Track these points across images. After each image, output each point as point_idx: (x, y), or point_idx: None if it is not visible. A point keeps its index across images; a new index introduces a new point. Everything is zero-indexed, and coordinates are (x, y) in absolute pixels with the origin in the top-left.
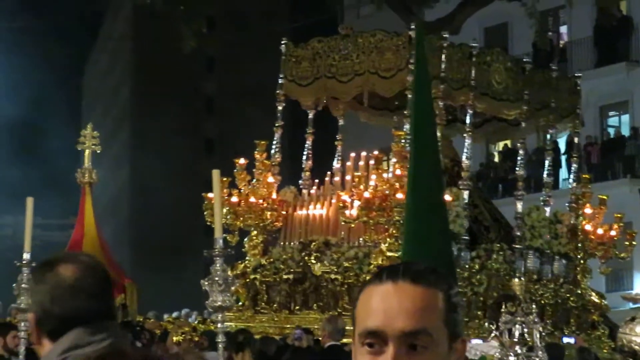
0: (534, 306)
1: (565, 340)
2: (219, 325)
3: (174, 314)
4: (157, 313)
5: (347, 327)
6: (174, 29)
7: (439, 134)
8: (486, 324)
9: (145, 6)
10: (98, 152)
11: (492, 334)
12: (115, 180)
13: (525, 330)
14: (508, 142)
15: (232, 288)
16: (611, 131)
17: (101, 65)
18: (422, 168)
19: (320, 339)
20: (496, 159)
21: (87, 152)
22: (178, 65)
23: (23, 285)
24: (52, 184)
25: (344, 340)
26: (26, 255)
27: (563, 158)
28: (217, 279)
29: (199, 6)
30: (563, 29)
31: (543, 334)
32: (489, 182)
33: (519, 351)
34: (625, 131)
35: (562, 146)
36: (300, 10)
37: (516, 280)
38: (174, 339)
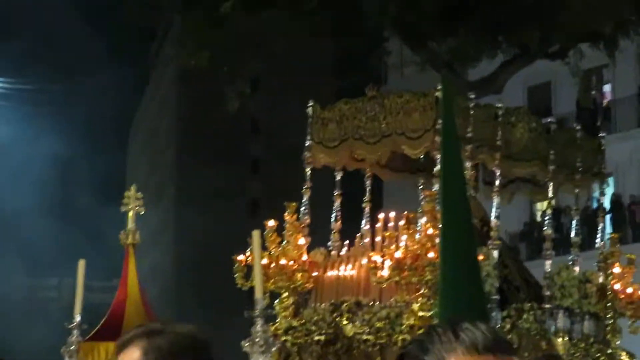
0: None
1: None
2: None
3: None
4: None
5: None
6: (219, 89)
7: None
8: None
9: (189, 67)
10: (142, 213)
11: None
12: (159, 242)
13: None
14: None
15: (274, 349)
16: None
17: (146, 125)
18: (452, 227)
19: None
20: (538, 218)
21: (130, 213)
22: (223, 126)
23: (72, 348)
24: (95, 245)
25: None
26: (77, 317)
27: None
28: (257, 339)
29: (244, 67)
30: (607, 88)
31: None
32: (533, 241)
33: None
34: None
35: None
36: (345, 71)
37: (559, 339)
38: None
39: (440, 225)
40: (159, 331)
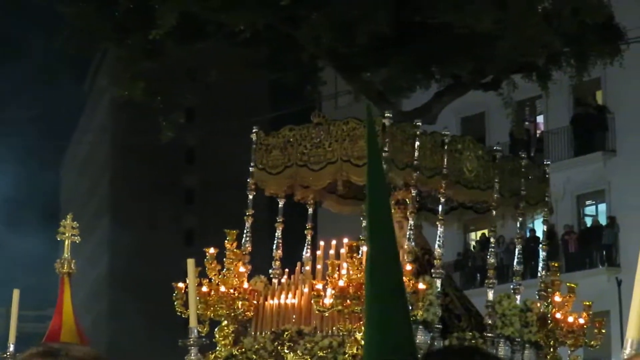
0: None
1: None
2: None
3: None
4: None
5: None
6: (154, 119)
7: (411, 222)
8: None
9: (123, 98)
10: (77, 242)
11: None
12: (94, 271)
13: None
14: (485, 231)
15: None
16: (588, 220)
17: (80, 156)
18: (378, 252)
19: None
20: (472, 248)
21: (66, 242)
22: (158, 157)
23: None
24: (29, 274)
25: None
26: (11, 347)
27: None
28: None
29: (177, 97)
30: (540, 119)
31: None
32: (467, 271)
33: None
34: (603, 220)
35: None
36: (280, 101)
37: None
38: None
39: (367, 254)
40: (54, 352)
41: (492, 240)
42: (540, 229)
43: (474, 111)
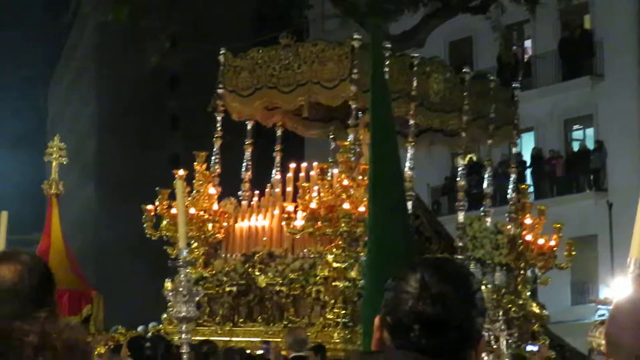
0: (500, 314)
1: (529, 348)
2: (183, 336)
3: (140, 327)
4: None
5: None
6: (138, 45)
7: (411, 152)
8: None
9: (108, 23)
10: (65, 163)
11: None
12: (80, 196)
13: (492, 337)
14: (474, 156)
15: (197, 298)
16: (575, 145)
17: (65, 81)
18: (381, 175)
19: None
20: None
21: (54, 163)
22: (142, 82)
23: None
24: (14, 198)
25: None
26: None
27: (528, 171)
28: (181, 289)
29: (163, 23)
30: (528, 43)
31: (510, 341)
32: (454, 195)
33: (486, 358)
34: (590, 144)
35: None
36: (266, 26)
37: (482, 287)
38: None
39: (369, 174)
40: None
41: (461, 161)
42: (527, 153)
43: (462, 35)
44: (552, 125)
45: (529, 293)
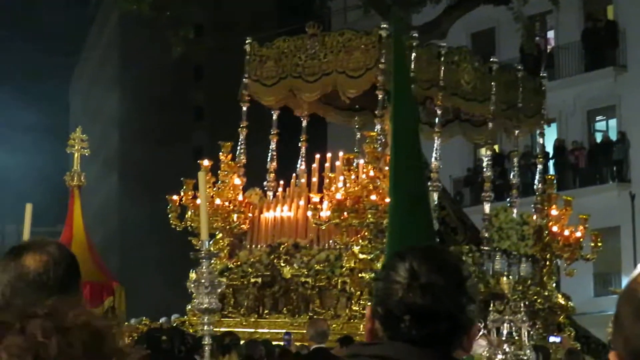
0: (522, 305)
1: (552, 339)
2: (205, 327)
3: (162, 319)
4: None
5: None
6: (162, 36)
7: (437, 142)
8: None
9: (131, 13)
10: (87, 155)
11: (480, 333)
12: (103, 188)
13: (514, 329)
14: (496, 147)
15: (219, 290)
16: (598, 136)
17: (89, 72)
18: (402, 165)
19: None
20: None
21: (76, 155)
22: (166, 73)
23: None
24: (38, 190)
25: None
26: None
27: (550, 162)
28: (203, 281)
29: (186, 13)
30: (550, 34)
31: (532, 332)
32: (477, 187)
33: (507, 350)
34: (613, 136)
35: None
36: (288, 17)
37: (504, 279)
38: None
39: (390, 164)
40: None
41: (488, 152)
42: (550, 144)
43: (485, 27)
44: (574, 116)
45: (554, 284)
